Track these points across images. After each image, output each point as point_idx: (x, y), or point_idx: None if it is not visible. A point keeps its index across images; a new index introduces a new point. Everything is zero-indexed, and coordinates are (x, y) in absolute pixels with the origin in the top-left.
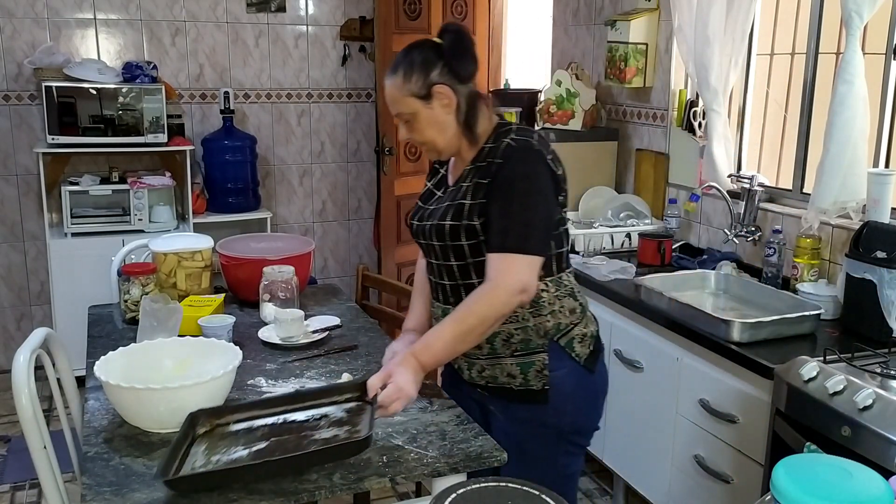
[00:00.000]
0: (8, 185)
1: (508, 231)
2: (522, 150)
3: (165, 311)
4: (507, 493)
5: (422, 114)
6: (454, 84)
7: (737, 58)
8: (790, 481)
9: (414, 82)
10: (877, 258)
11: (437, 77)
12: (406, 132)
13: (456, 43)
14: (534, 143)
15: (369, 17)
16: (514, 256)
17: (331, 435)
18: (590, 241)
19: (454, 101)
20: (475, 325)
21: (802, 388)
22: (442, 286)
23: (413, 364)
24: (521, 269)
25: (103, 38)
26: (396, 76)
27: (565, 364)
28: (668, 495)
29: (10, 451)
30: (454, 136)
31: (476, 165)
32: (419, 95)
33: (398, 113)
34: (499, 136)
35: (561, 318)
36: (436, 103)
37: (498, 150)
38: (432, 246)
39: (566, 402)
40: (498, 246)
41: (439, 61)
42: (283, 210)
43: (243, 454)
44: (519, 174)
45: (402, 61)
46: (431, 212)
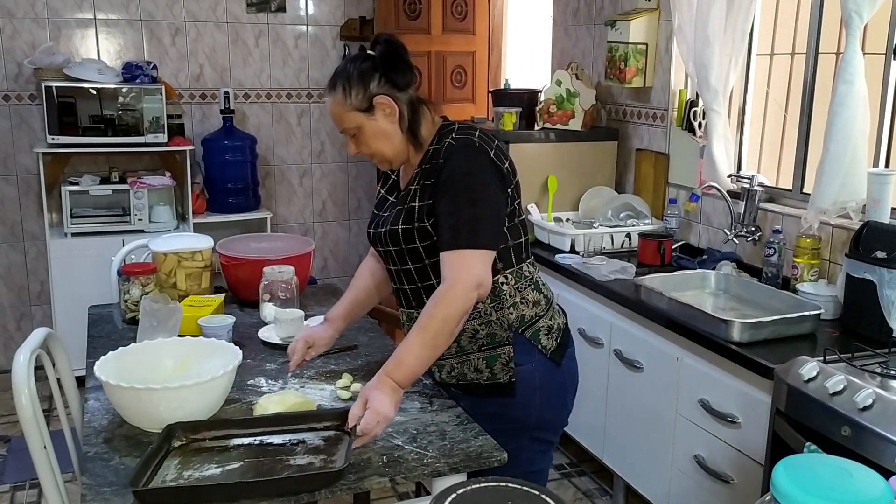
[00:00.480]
0: (8, 185)
1: (457, 227)
2: (463, 147)
3: (165, 311)
4: (507, 493)
5: (366, 126)
6: (394, 93)
7: (737, 58)
8: (790, 481)
9: (354, 96)
10: (877, 258)
11: (376, 88)
12: (354, 147)
13: (389, 52)
14: (474, 140)
15: (369, 17)
16: (465, 252)
17: (306, 462)
18: (590, 241)
19: (396, 110)
20: (440, 328)
21: (802, 388)
22: (403, 291)
23: (388, 384)
24: (474, 263)
25: (103, 38)
26: (336, 92)
27: (533, 357)
28: (668, 495)
29: (10, 451)
30: (401, 143)
31: (422, 168)
32: (361, 109)
33: (343, 129)
34: (441, 137)
35: (524, 309)
36: (379, 114)
37: (440, 150)
38: (389, 252)
39: (533, 395)
40: (448, 243)
41: (376, 73)
42: (283, 210)
43: (216, 472)
44: (461, 171)
45: (339, 77)
46: (385, 218)
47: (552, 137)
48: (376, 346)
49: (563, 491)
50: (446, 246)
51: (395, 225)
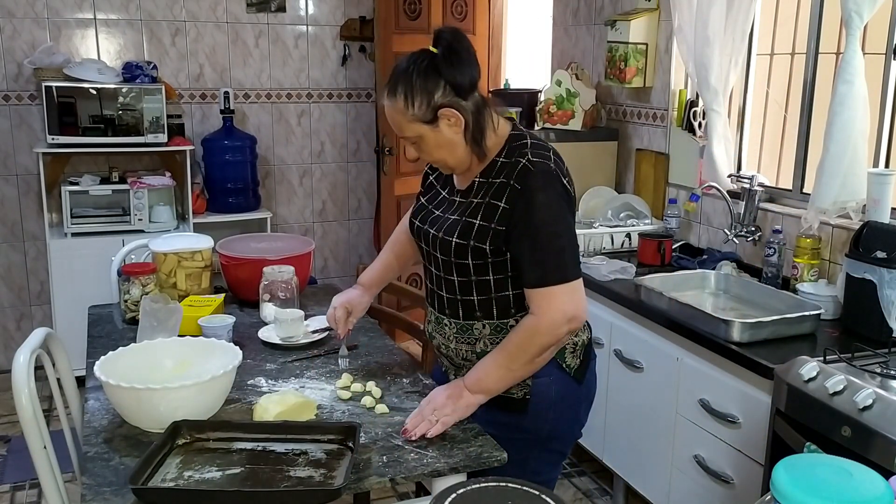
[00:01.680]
0: (8, 185)
1: (544, 264)
2: (542, 176)
3: (165, 311)
4: (507, 493)
5: (428, 137)
6: (458, 102)
7: (737, 58)
8: (790, 481)
9: (417, 107)
10: (877, 258)
11: (441, 98)
12: (414, 152)
13: (452, 52)
14: (551, 167)
15: (369, 17)
16: (555, 288)
17: (305, 475)
18: (590, 241)
19: (461, 121)
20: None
21: (802, 388)
22: (439, 296)
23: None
24: (566, 298)
25: (103, 38)
26: (397, 100)
27: (552, 372)
28: (668, 495)
29: (10, 451)
30: (464, 153)
31: (489, 181)
32: (425, 120)
33: (403, 136)
34: (512, 152)
35: None
36: (442, 125)
37: (514, 169)
38: (434, 257)
39: (548, 409)
40: (537, 280)
41: (440, 80)
42: (283, 210)
43: (216, 475)
44: (541, 203)
45: (400, 83)
46: (436, 219)
47: (552, 137)
48: (376, 346)
49: (563, 491)
50: (534, 283)
51: (448, 235)
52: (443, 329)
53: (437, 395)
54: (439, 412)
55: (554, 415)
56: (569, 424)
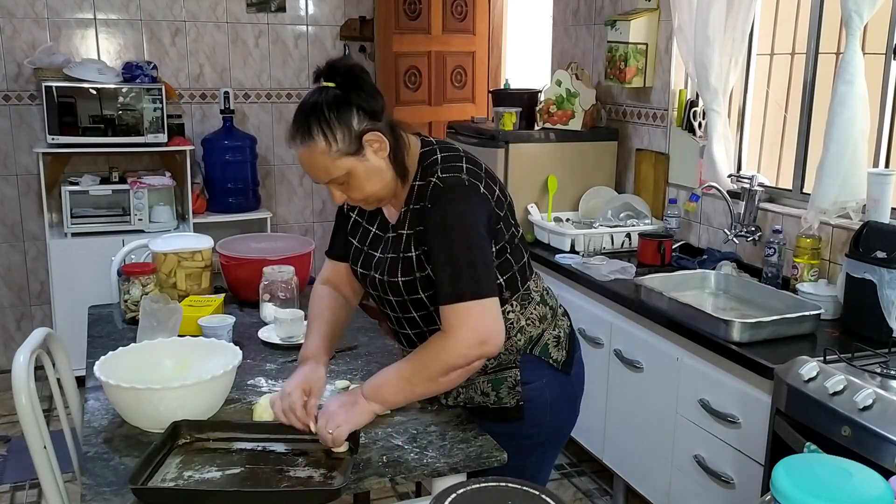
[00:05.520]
0: (8, 185)
1: (455, 277)
2: (451, 190)
3: (165, 311)
4: (507, 493)
5: (358, 170)
6: (376, 125)
7: (737, 58)
8: (790, 481)
9: (341, 141)
10: (877, 258)
11: (360, 126)
12: (341, 194)
13: (353, 80)
14: (462, 179)
15: (369, 17)
16: (466, 305)
17: (305, 475)
18: (590, 241)
19: (386, 143)
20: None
21: (802, 388)
22: (405, 334)
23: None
24: (478, 317)
25: (103, 38)
26: (315, 142)
27: (543, 374)
28: (668, 495)
29: (10, 451)
30: (391, 178)
31: (411, 208)
32: (351, 152)
33: (331, 179)
34: (426, 172)
35: (531, 330)
36: (369, 152)
37: (426, 190)
38: (388, 300)
39: (544, 412)
40: (448, 296)
41: (352, 107)
42: (283, 210)
43: (216, 476)
44: (451, 216)
45: (312, 123)
46: (377, 261)
47: (552, 137)
48: (376, 346)
49: (563, 491)
50: (444, 299)
51: (393, 276)
52: None
53: (331, 402)
54: (332, 422)
55: (551, 416)
56: (567, 422)
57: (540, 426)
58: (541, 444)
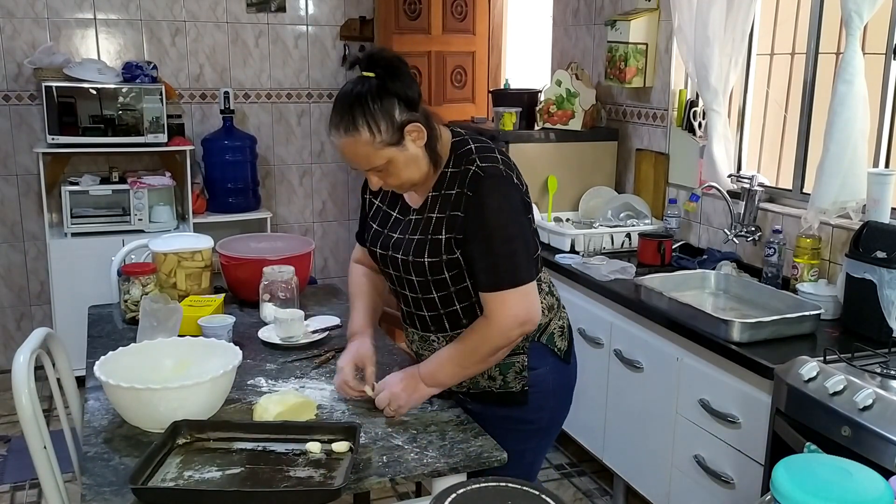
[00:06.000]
0: (8, 185)
1: (497, 268)
2: (491, 180)
3: (165, 311)
4: (507, 493)
5: (398, 158)
6: (415, 115)
7: (737, 58)
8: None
9: (384, 131)
10: (877, 258)
11: (401, 116)
12: (378, 180)
13: (393, 69)
14: (500, 169)
15: (369, 17)
16: (506, 293)
17: (305, 475)
18: (590, 241)
19: (423, 132)
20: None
21: (802, 388)
22: (420, 316)
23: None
24: (517, 302)
25: (103, 38)
26: (360, 133)
27: (547, 361)
28: (668, 495)
29: (10, 451)
30: (426, 165)
31: (442, 193)
32: (393, 143)
33: (371, 167)
34: (460, 160)
35: (541, 318)
36: (408, 142)
37: (465, 178)
38: (408, 280)
39: (548, 398)
40: (489, 285)
41: (394, 98)
42: (283, 210)
43: (216, 476)
44: (492, 207)
45: (357, 114)
46: (398, 241)
47: (552, 137)
48: (376, 346)
49: (563, 491)
50: (486, 287)
51: (419, 256)
52: (431, 346)
53: (393, 383)
54: (394, 402)
55: (554, 402)
56: (564, 409)
57: (542, 411)
58: (541, 429)
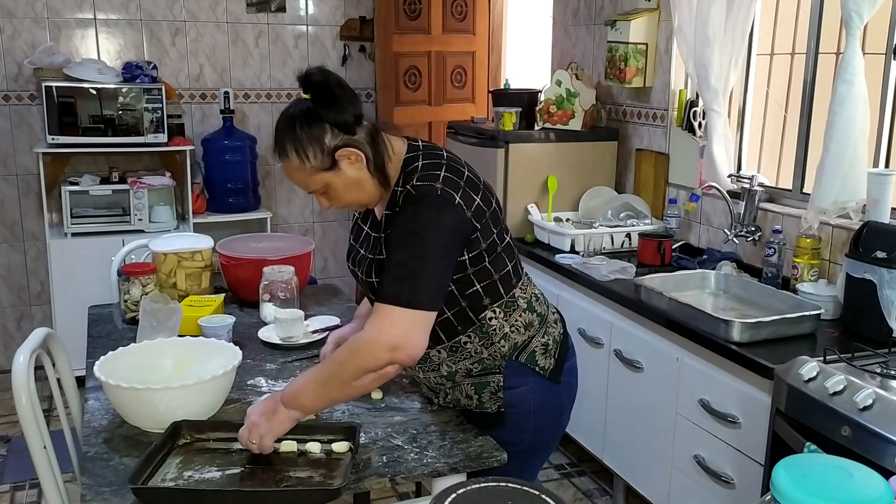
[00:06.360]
0: (8, 185)
1: (395, 280)
2: (421, 198)
3: (165, 311)
4: (507, 493)
5: (335, 183)
6: (351, 139)
7: (737, 58)
8: (790, 481)
9: (313, 158)
10: (877, 258)
11: (333, 142)
12: (326, 202)
13: (325, 94)
14: (436, 188)
15: (369, 17)
16: (394, 309)
17: (305, 475)
18: (590, 241)
19: (361, 156)
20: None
21: (802, 388)
22: None
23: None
24: (400, 322)
25: (103, 38)
26: (290, 159)
27: (527, 380)
28: (668, 495)
29: (10, 451)
30: (373, 186)
31: (392, 212)
32: (325, 168)
33: (311, 191)
34: (406, 179)
35: (516, 337)
36: (344, 166)
37: (402, 196)
38: (371, 298)
39: (527, 419)
40: (382, 294)
41: (324, 124)
42: (283, 210)
43: (215, 476)
44: (412, 223)
45: (287, 141)
46: (361, 259)
47: (552, 137)
48: None
49: (563, 491)
50: (380, 296)
51: (369, 277)
52: (432, 362)
53: (253, 411)
54: (255, 433)
55: (535, 424)
56: (552, 430)
57: (522, 433)
58: (523, 451)
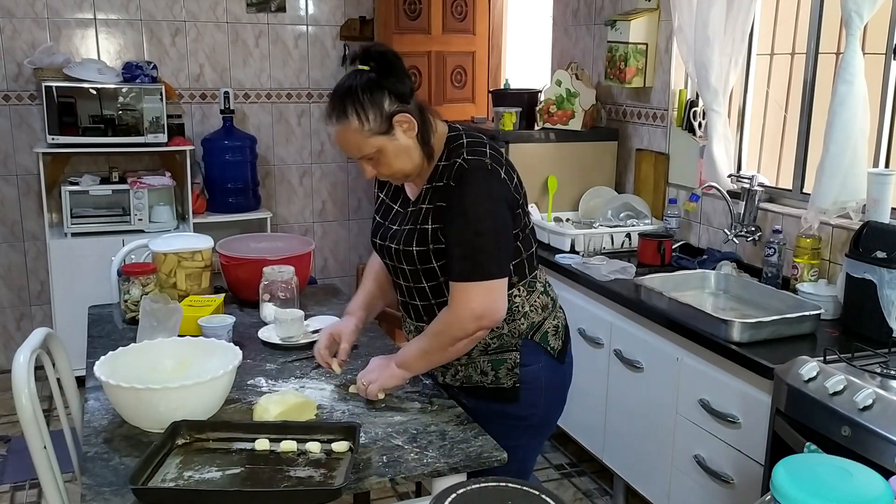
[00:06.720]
0: (8, 185)
1: (465, 259)
2: (474, 172)
3: (165, 311)
4: (507, 493)
5: (388, 148)
6: (405, 106)
7: (737, 58)
8: (790, 481)
9: (373, 121)
10: (877, 258)
11: (391, 106)
12: (372, 169)
13: (386, 65)
14: (486, 162)
15: (369, 17)
16: (470, 285)
17: (305, 475)
18: (590, 241)
19: (414, 124)
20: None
21: (802, 388)
22: (413, 305)
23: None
24: (478, 296)
25: (103, 38)
26: (349, 121)
27: (540, 359)
28: (668, 495)
29: (10, 451)
30: (419, 157)
31: (434, 185)
32: (381, 131)
33: (362, 155)
34: (451, 153)
35: (534, 316)
36: (398, 132)
37: (452, 170)
38: (401, 269)
39: (539, 395)
40: (456, 274)
41: (384, 90)
42: (283, 210)
43: (215, 476)
44: (470, 198)
45: (347, 103)
46: (394, 233)
47: (552, 137)
48: (376, 346)
49: (563, 491)
50: (454, 275)
51: (408, 245)
52: None
53: (372, 362)
54: (366, 377)
55: (546, 400)
56: (558, 408)
57: (534, 408)
58: (532, 426)
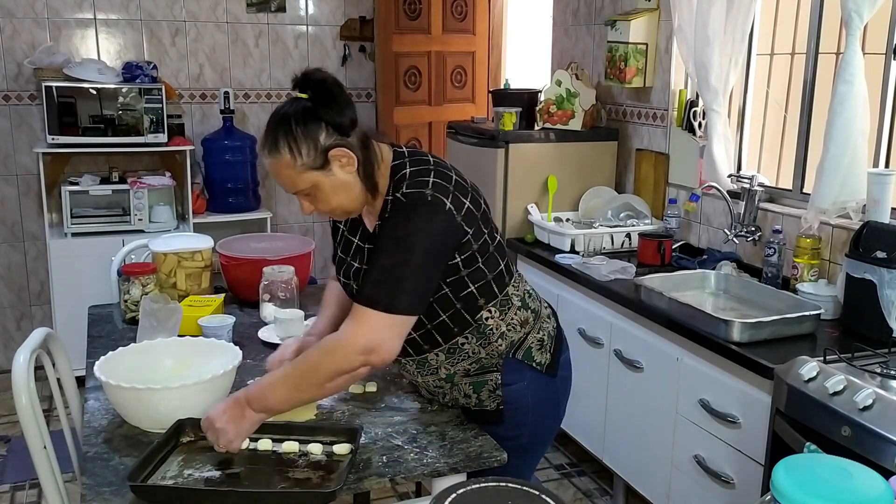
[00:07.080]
0: (8, 185)
1: (378, 283)
2: (411, 205)
3: (165, 311)
4: (507, 493)
5: (324, 183)
6: (344, 140)
7: (737, 58)
8: (790, 481)
9: (306, 155)
10: (877, 258)
11: (327, 140)
12: (309, 205)
13: (325, 94)
14: (426, 195)
15: (369, 17)
16: (373, 313)
17: (304, 477)
18: (590, 241)
19: (354, 159)
20: (308, 374)
21: (802, 388)
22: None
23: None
24: (375, 327)
25: (103, 38)
26: (282, 155)
27: (524, 376)
28: (668, 495)
29: (10, 451)
30: (360, 192)
31: (384, 222)
32: (316, 167)
33: (297, 191)
34: (396, 187)
35: (512, 335)
36: (335, 167)
37: (392, 205)
38: None
39: (525, 415)
40: (363, 296)
41: (320, 122)
42: (283, 210)
43: (216, 475)
44: (403, 228)
45: (279, 136)
46: (356, 271)
47: (552, 137)
48: None
49: (563, 491)
50: (359, 297)
51: None
52: (405, 368)
53: (217, 415)
54: (222, 438)
55: (533, 419)
56: (550, 425)
57: (521, 428)
58: (521, 446)
